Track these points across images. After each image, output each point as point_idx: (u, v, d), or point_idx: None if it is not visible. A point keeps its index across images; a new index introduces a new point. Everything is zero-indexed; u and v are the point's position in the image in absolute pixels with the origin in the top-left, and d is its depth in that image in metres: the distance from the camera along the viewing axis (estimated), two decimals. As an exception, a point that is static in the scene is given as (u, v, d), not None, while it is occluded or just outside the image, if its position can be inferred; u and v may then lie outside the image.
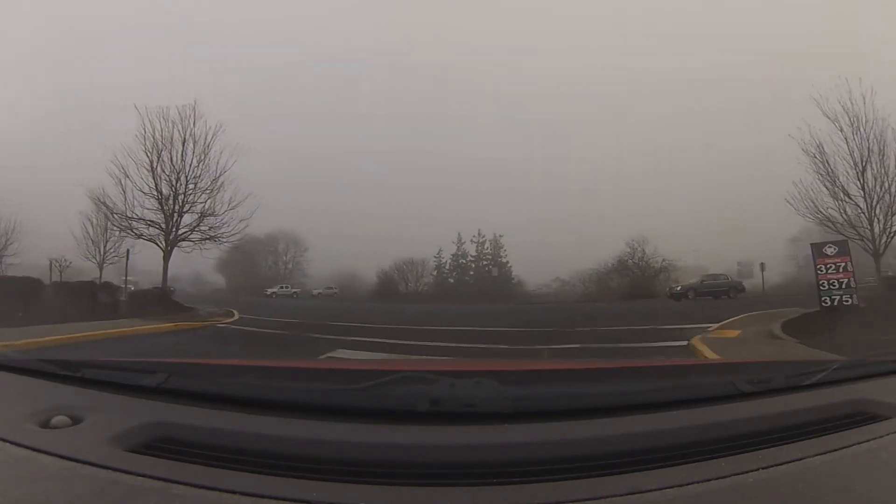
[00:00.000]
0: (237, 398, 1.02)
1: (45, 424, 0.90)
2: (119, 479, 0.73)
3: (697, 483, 0.74)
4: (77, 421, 0.91)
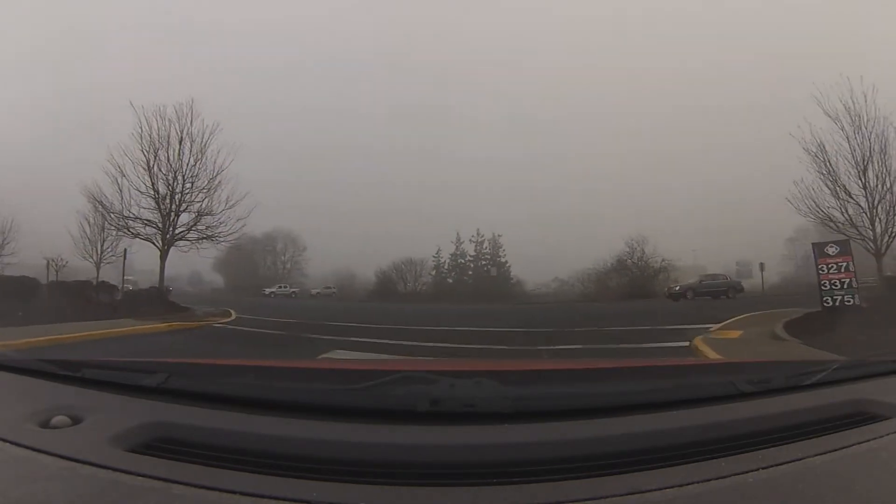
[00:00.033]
0: (237, 398, 1.02)
1: (45, 424, 0.90)
2: (119, 479, 0.73)
3: (697, 483, 0.74)
4: (77, 421, 0.91)
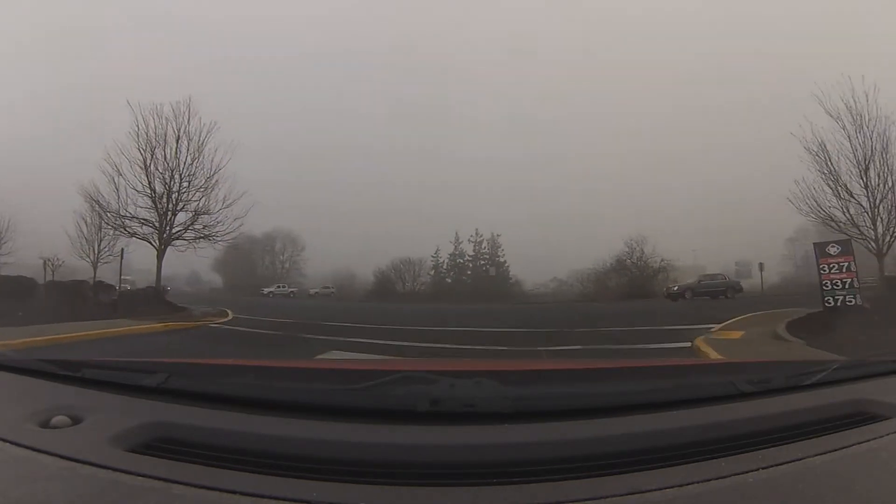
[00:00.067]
0: (237, 398, 1.02)
1: (45, 424, 0.90)
2: (119, 479, 0.73)
3: (697, 483, 0.74)
4: (77, 421, 0.91)
